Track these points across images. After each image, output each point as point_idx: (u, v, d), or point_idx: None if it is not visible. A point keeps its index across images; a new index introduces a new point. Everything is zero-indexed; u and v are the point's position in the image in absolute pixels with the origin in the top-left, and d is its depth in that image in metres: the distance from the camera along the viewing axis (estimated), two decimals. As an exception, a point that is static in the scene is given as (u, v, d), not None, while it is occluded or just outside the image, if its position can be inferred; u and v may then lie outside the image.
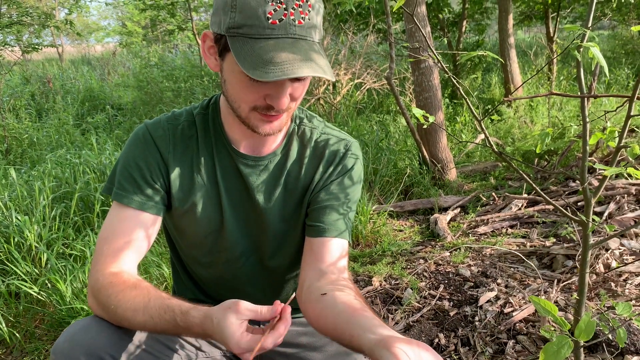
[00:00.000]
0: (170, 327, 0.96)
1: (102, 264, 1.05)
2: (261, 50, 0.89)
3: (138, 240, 1.08)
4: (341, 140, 1.21)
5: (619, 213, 2.97)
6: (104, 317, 1.02)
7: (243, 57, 0.90)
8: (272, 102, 0.97)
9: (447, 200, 3.71)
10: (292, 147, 1.19)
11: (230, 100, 1.03)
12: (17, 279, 2.42)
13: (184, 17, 11.89)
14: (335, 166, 1.19)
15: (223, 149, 1.15)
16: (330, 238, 1.13)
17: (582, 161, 1.08)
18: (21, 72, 10.31)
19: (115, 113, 7.40)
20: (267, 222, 1.20)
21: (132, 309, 0.97)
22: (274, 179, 1.18)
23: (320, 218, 1.14)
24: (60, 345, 0.96)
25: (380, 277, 2.60)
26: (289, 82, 0.96)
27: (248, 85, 0.97)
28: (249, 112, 1.01)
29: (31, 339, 2.27)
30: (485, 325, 2.08)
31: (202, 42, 1.04)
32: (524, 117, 5.64)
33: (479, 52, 1.21)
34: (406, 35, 4.09)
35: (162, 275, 2.59)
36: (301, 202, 1.20)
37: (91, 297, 1.04)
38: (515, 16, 8.70)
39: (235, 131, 1.14)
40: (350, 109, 6.25)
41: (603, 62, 1.09)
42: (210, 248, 1.22)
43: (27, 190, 3.19)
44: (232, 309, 0.90)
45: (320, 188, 1.18)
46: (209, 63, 1.05)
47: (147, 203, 1.10)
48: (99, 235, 1.10)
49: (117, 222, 1.09)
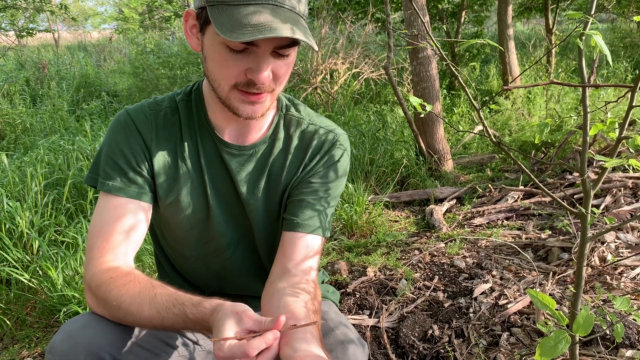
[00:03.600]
0: (179, 321, 0.91)
1: (97, 259, 1.00)
2: (239, 15, 0.87)
3: (131, 230, 1.04)
4: (329, 132, 1.17)
5: (615, 206, 2.96)
6: (104, 313, 0.98)
7: (221, 23, 0.87)
8: (252, 76, 0.94)
9: (443, 192, 3.69)
10: (278, 137, 1.15)
11: (211, 79, 1.00)
12: (8, 266, 2.40)
13: (181, 3, 11.78)
14: (320, 157, 1.15)
15: (207, 136, 1.12)
16: (302, 234, 1.10)
17: (582, 152, 1.06)
18: (16, 57, 10.19)
19: (110, 100, 7.33)
20: (252, 213, 1.17)
21: (137, 304, 0.93)
22: (258, 170, 1.15)
23: (296, 212, 1.12)
24: (58, 345, 0.92)
25: (375, 268, 2.58)
26: (270, 55, 0.93)
27: (228, 58, 0.93)
28: (229, 90, 0.97)
29: (22, 326, 2.25)
30: (479, 317, 2.07)
31: (184, 21, 1.02)
32: (521, 109, 5.61)
33: (478, 40, 1.19)
34: (405, 24, 4.05)
35: (143, 265, 2.57)
36: (284, 190, 1.17)
37: (89, 293, 0.99)
38: (515, 8, 8.65)
39: (218, 117, 1.10)
40: (348, 98, 6.21)
41: (606, 50, 1.07)
42: (197, 239, 1.19)
43: (19, 176, 3.15)
44: (238, 314, 0.85)
45: (302, 179, 1.15)
46: (191, 43, 1.02)
47: (135, 191, 1.07)
48: (90, 228, 1.05)
49: (107, 213, 1.05)
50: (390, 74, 3.90)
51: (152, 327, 0.94)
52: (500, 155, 4.41)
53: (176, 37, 12.63)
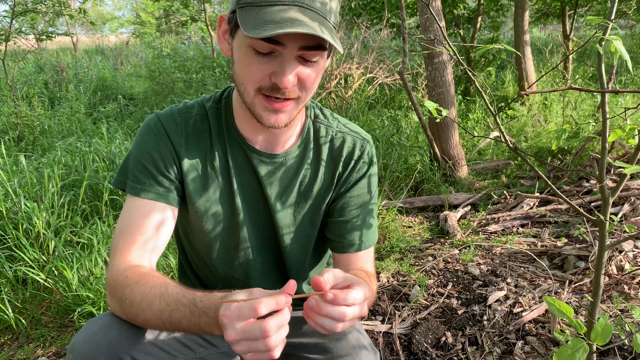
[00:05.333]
0: (186, 313, 0.87)
1: (119, 258, 1.01)
2: (265, 14, 0.87)
3: (156, 231, 1.04)
4: (357, 140, 1.19)
5: (633, 214, 2.91)
6: (120, 313, 0.97)
7: (247, 22, 0.88)
8: (276, 79, 0.93)
9: (458, 198, 3.66)
10: (309, 147, 1.16)
11: (238, 83, 1.00)
12: (24, 265, 2.42)
13: (198, 8, 11.89)
14: (352, 166, 1.18)
15: (236, 145, 1.12)
16: (355, 254, 1.16)
17: (600, 158, 1.04)
18: (35, 60, 10.35)
19: (126, 103, 7.41)
20: (278, 221, 1.17)
21: (148, 300, 0.91)
22: (288, 179, 1.15)
23: (344, 234, 1.15)
24: (79, 345, 0.92)
25: (388, 273, 2.57)
26: (295, 59, 0.93)
27: (254, 61, 0.93)
28: (254, 95, 0.97)
29: (37, 326, 2.27)
30: (493, 325, 2.04)
31: (218, 26, 1.03)
32: (537, 116, 5.56)
33: (495, 45, 1.18)
34: (420, 29, 4.04)
35: (169, 265, 2.58)
36: (317, 205, 1.18)
37: (109, 294, 0.99)
38: (532, 13, 8.58)
39: (247, 127, 1.11)
40: (362, 103, 6.20)
41: (626, 56, 1.05)
42: (222, 245, 1.19)
43: (36, 177, 3.20)
44: (249, 290, 0.81)
45: (338, 196, 1.17)
46: (222, 48, 1.03)
47: (163, 194, 1.07)
48: (116, 229, 1.06)
49: (132, 215, 1.05)
50: (405, 79, 3.89)
51: (161, 323, 0.90)
52: (516, 161, 4.37)
53: (192, 42, 12.74)
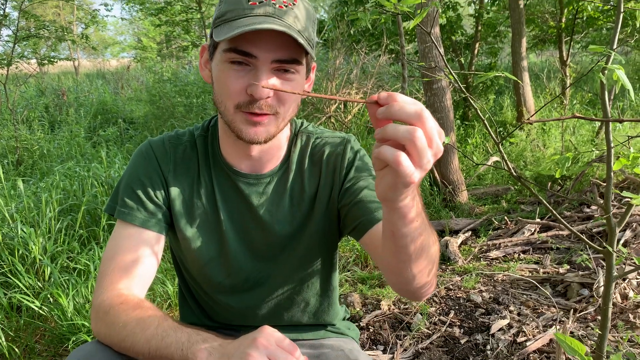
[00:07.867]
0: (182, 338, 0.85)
1: (109, 285, 0.99)
2: (237, 23, 0.91)
3: (143, 259, 1.03)
4: (337, 138, 1.16)
5: (635, 240, 2.89)
6: (108, 337, 0.94)
7: (221, 34, 0.92)
8: (252, 91, 0.94)
9: (458, 223, 3.64)
10: (292, 160, 1.15)
11: (218, 103, 1.01)
12: (19, 292, 2.38)
13: (199, 33, 12.04)
14: (340, 164, 1.13)
15: (221, 171, 1.12)
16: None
17: (606, 188, 1.03)
18: (37, 84, 10.42)
19: (127, 127, 7.43)
20: (274, 239, 1.15)
21: (143, 325, 0.89)
22: (278, 196, 1.14)
23: (360, 213, 1.06)
24: None
25: (389, 301, 2.53)
26: (269, 70, 0.94)
27: (230, 75, 0.95)
28: (234, 112, 0.97)
29: (31, 354, 2.22)
30: (497, 355, 2.00)
31: (200, 56, 1.06)
32: (536, 141, 5.57)
33: (495, 73, 1.18)
34: (419, 56, 4.07)
35: (166, 292, 2.54)
36: (309, 212, 1.15)
37: (97, 319, 0.97)
38: (529, 40, 8.69)
39: (232, 153, 1.11)
40: (361, 128, 6.22)
41: (628, 84, 1.05)
42: (213, 275, 1.17)
43: (34, 201, 3.17)
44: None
45: (338, 191, 1.12)
46: (204, 76, 1.05)
47: (150, 220, 1.06)
48: (104, 254, 1.05)
49: (121, 241, 1.05)
50: (405, 105, 3.90)
51: (147, 348, 0.87)
52: (516, 186, 4.36)
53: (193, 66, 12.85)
